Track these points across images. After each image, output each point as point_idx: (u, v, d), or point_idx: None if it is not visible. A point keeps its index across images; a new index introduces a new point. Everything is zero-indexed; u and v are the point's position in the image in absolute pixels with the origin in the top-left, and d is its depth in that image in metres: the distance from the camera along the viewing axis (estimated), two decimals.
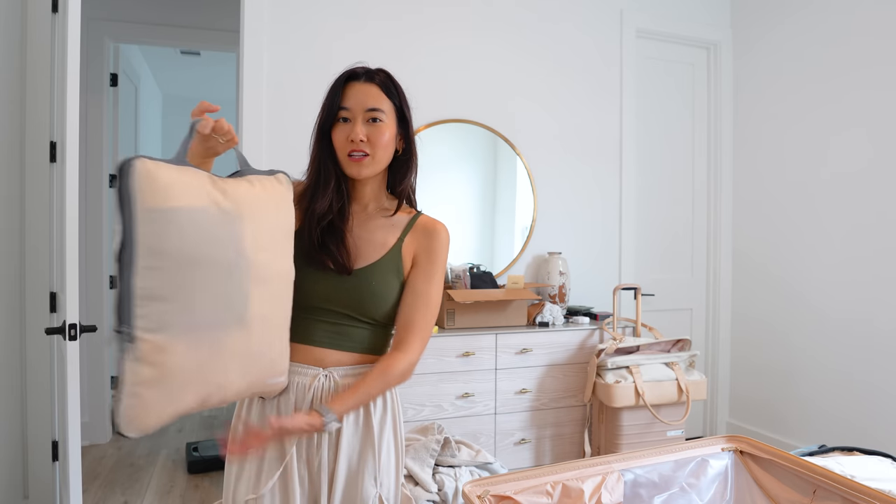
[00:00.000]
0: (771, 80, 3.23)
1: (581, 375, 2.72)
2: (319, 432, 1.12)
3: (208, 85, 6.21)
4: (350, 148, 1.14)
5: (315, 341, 1.16)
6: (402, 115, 1.22)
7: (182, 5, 3.42)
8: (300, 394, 1.15)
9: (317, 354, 1.16)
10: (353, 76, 1.18)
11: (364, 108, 1.15)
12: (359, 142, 1.13)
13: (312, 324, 1.16)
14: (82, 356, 3.27)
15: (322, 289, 1.15)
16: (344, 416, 1.12)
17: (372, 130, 1.15)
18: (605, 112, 3.23)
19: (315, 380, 1.15)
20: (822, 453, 1.73)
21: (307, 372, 1.16)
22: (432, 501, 1.96)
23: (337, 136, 1.16)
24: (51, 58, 2.39)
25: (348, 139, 1.14)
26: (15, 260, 2.32)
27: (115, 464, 3.08)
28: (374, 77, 1.18)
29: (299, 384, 1.15)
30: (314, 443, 1.16)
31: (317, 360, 1.16)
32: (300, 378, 1.15)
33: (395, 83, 1.21)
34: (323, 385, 1.15)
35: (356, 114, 1.15)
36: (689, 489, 1.32)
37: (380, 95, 1.17)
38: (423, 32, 2.88)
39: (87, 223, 3.31)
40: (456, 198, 2.93)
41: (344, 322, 1.17)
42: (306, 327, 1.16)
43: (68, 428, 1.80)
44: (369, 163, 1.15)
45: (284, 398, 1.16)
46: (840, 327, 2.85)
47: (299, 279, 1.12)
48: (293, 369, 1.15)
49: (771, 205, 3.23)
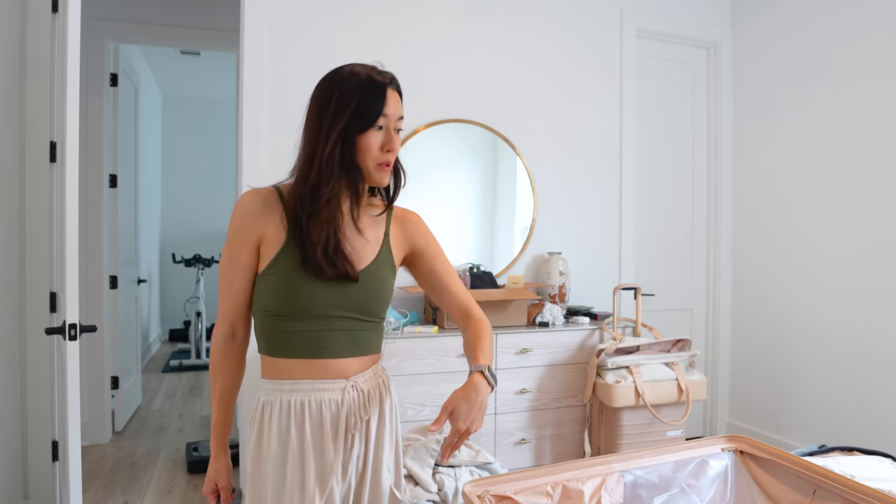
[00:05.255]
0: (771, 80, 3.23)
1: (581, 375, 2.72)
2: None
3: (208, 85, 6.21)
4: (384, 159, 1.12)
5: (336, 353, 1.14)
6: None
7: (182, 5, 3.42)
8: (333, 410, 1.13)
9: (340, 366, 1.14)
10: (390, 82, 1.13)
11: (396, 116, 1.12)
12: (394, 152, 1.13)
13: (327, 335, 1.13)
14: (82, 356, 3.27)
15: (331, 297, 1.12)
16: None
17: (397, 140, 1.14)
18: (606, 112, 3.23)
19: (345, 393, 1.13)
20: (822, 453, 1.73)
21: (334, 386, 1.13)
22: (432, 501, 1.96)
23: (370, 144, 1.10)
24: (51, 58, 2.39)
25: (384, 149, 1.11)
26: (15, 260, 2.32)
27: (115, 464, 3.08)
28: (398, 84, 1.16)
29: (330, 401, 1.13)
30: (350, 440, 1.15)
31: (340, 372, 1.14)
32: (329, 395, 1.13)
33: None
34: (353, 398, 1.14)
35: (390, 122, 1.12)
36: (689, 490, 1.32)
37: (400, 103, 1.16)
38: (423, 33, 2.88)
39: (87, 223, 3.31)
40: (456, 197, 2.93)
41: (356, 327, 1.16)
42: (322, 340, 1.13)
43: (68, 428, 1.80)
44: (389, 171, 1.16)
45: (317, 419, 1.12)
46: (840, 326, 2.85)
47: (303, 291, 1.09)
48: (317, 387, 1.13)
49: (771, 204, 3.23)
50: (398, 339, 2.43)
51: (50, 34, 2.39)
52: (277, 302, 1.10)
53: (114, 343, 3.54)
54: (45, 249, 2.41)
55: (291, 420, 1.11)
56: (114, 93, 3.50)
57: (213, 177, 6.83)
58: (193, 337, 5.47)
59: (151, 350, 5.97)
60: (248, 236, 1.12)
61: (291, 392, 1.12)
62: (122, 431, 3.58)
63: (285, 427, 1.12)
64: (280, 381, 1.13)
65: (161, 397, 4.39)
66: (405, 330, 2.52)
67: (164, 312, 6.75)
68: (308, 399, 1.12)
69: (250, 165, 2.55)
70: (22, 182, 2.38)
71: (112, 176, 3.50)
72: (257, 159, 2.56)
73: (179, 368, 5.33)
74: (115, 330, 3.54)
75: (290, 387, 1.12)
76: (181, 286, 6.78)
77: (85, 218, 3.30)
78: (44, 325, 2.40)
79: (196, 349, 5.48)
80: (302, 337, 1.11)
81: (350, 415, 1.13)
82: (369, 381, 1.19)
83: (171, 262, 6.65)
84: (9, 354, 2.26)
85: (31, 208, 2.40)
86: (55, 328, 1.86)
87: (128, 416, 3.75)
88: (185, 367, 5.35)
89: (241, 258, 1.14)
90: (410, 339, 2.45)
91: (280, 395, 1.13)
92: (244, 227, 1.12)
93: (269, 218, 1.12)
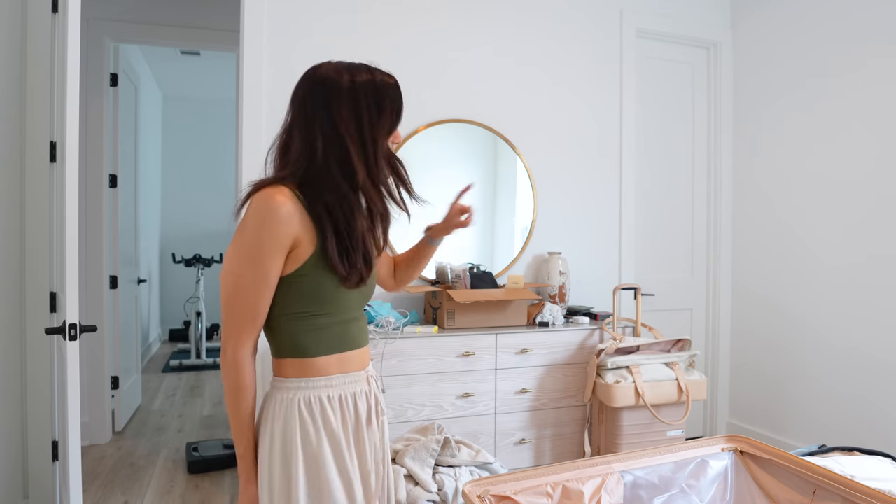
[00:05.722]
0: (771, 80, 3.23)
1: (581, 375, 2.72)
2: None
3: (208, 85, 6.21)
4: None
5: (357, 343, 1.18)
6: None
7: (182, 5, 3.42)
8: (363, 400, 1.17)
9: (361, 357, 1.19)
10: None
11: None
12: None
13: (350, 326, 1.17)
14: (82, 356, 3.27)
15: (357, 293, 1.17)
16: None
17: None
18: (606, 112, 3.23)
19: (369, 383, 1.20)
20: (822, 453, 1.73)
21: (361, 378, 1.18)
22: (432, 501, 1.96)
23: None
24: (51, 58, 2.39)
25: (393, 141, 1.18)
26: (15, 260, 2.32)
27: (115, 464, 3.08)
28: None
29: (362, 392, 1.17)
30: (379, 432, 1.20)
31: (361, 363, 1.19)
32: (360, 385, 1.18)
33: None
34: (374, 387, 1.22)
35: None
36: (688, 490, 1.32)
37: None
38: (423, 34, 2.88)
39: (87, 223, 3.31)
40: None
41: (361, 315, 1.21)
42: (348, 332, 1.16)
43: (68, 428, 1.80)
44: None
45: (354, 413, 1.15)
46: (841, 326, 2.85)
47: (339, 291, 1.11)
48: (348, 380, 1.16)
49: (771, 204, 3.23)
50: (398, 339, 2.43)
51: (50, 34, 2.39)
52: (313, 304, 1.10)
53: (114, 343, 3.54)
54: (45, 249, 2.41)
55: (335, 416, 1.12)
56: (114, 93, 3.50)
57: (213, 177, 6.83)
58: (193, 337, 5.47)
59: (151, 350, 5.97)
60: (284, 244, 1.05)
61: (327, 388, 1.13)
62: (122, 431, 3.58)
63: (336, 420, 1.11)
64: (313, 379, 1.11)
65: (161, 397, 4.39)
66: (405, 330, 2.52)
67: (164, 312, 6.75)
68: (344, 392, 1.14)
69: (250, 165, 2.55)
70: (22, 182, 2.38)
71: (112, 176, 3.50)
72: (257, 160, 2.56)
73: (179, 368, 5.33)
74: (115, 330, 3.54)
75: (325, 383, 1.12)
76: (181, 286, 6.78)
77: (85, 218, 3.30)
78: (44, 325, 2.40)
79: (196, 349, 5.48)
80: (331, 332, 1.13)
81: (377, 404, 1.20)
82: (373, 371, 1.25)
83: (171, 262, 6.66)
84: (9, 354, 2.26)
85: (31, 208, 2.40)
86: (55, 328, 1.86)
87: (128, 416, 3.75)
88: (185, 367, 5.35)
89: (273, 269, 1.06)
90: (410, 339, 2.45)
91: (317, 392, 1.11)
92: (282, 234, 1.04)
93: (301, 221, 1.06)
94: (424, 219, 1.57)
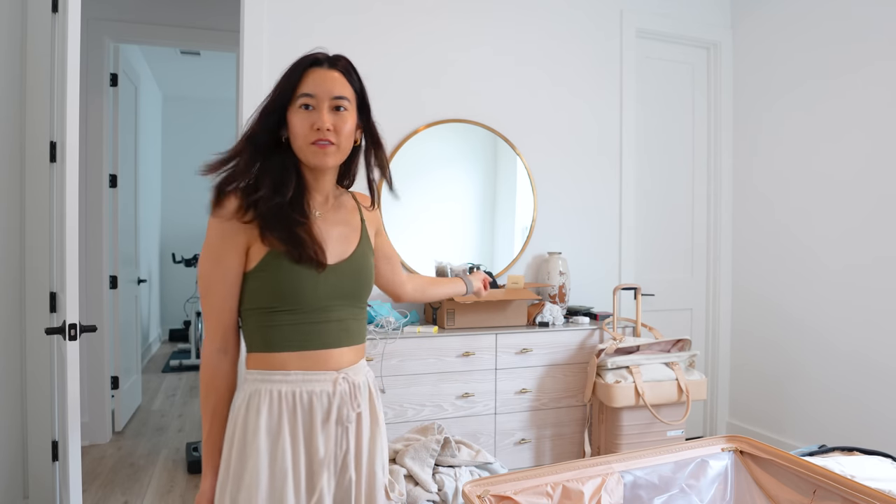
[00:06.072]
0: (771, 80, 3.23)
1: (581, 375, 2.72)
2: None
3: (208, 85, 6.21)
4: (316, 137, 1.09)
5: (329, 343, 1.12)
6: (363, 104, 1.18)
7: (182, 5, 3.42)
8: (325, 403, 1.10)
9: (332, 357, 1.13)
10: (315, 62, 1.13)
11: (330, 95, 1.10)
12: (325, 130, 1.09)
13: (320, 326, 1.12)
14: (82, 356, 3.27)
15: (327, 287, 1.11)
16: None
17: (337, 119, 1.11)
18: (606, 112, 3.23)
19: (337, 384, 1.11)
20: (822, 453, 1.73)
21: (325, 378, 1.11)
22: (432, 501, 1.96)
23: (300, 124, 1.10)
24: (51, 58, 2.39)
25: (313, 127, 1.09)
26: (15, 260, 2.32)
27: (115, 464, 3.08)
28: (337, 63, 1.14)
29: (322, 392, 1.10)
30: (342, 434, 1.12)
31: (333, 363, 1.13)
32: (321, 385, 1.10)
33: (356, 71, 1.17)
34: (344, 390, 1.12)
35: (321, 101, 1.10)
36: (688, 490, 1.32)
37: (344, 83, 1.13)
38: (423, 34, 2.88)
39: (87, 223, 3.31)
40: (457, 197, 2.93)
41: (346, 316, 1.15)
42: (316, 330, 1.11)
43: (68, 428, 1.80)
44: (334, 152, 1.12)
45: (307, 412, 1.09)
46: (841, 326, 2.85)
47: (300, 284, 1.08)
48: (308, 377, 1.10)
49: (771, 204, 3.23)
50: (398, 339, 2.43)
51: (50, 34, 2.38)
52: (273, 298, 1.08)
53: (114, 343, 3.54)
54: (45, 249, 2.41)
55: (283, 411, 1.08)
56: (114, 93, 3.50)
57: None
58: (193, 337, 5.47)
59: (151, 350, 5.97)
60: (238, 241, 1.09)
61: (282, 383, 1.09)
62: (122, 431, 3.58)
63: (276, 419, 1.08)
64: (270, 372, 1.09)
65: (161, 397, 4.39)
66: (405, 330, 2.52)
67: (164, 312, 6.75)
68: (299, 390, 1.09)
69: None
70: (22, 182, 2.38)
71: (112, 176, 3.50)
72: None
73: (179, 368, 5.33)
74: (115, 330, 3.54)
75: (280, 377, 1.09)
76: (181, 286, 6.78)
77: (85, 218, 3.30)
78: (44, 325, 2.40)
79: (196, 349, 5.48)
80: (295, 329, 1.10)
81: (342, 407, 1.11)
82: (359, 374, 1.17)
83: (171, 262, 6.65)
84: (9, 354, 2.26)
85: (31, 208, 2.40)
86: (55, 328, 1.86)
87: (128, 416, 3.75)
88: (185, 367, 5.35)
89: (232, 267, 1.09)
90: (410, 339, 2.45)
91: (270, 386, 1.08)
92: (233, 232, 1.08)
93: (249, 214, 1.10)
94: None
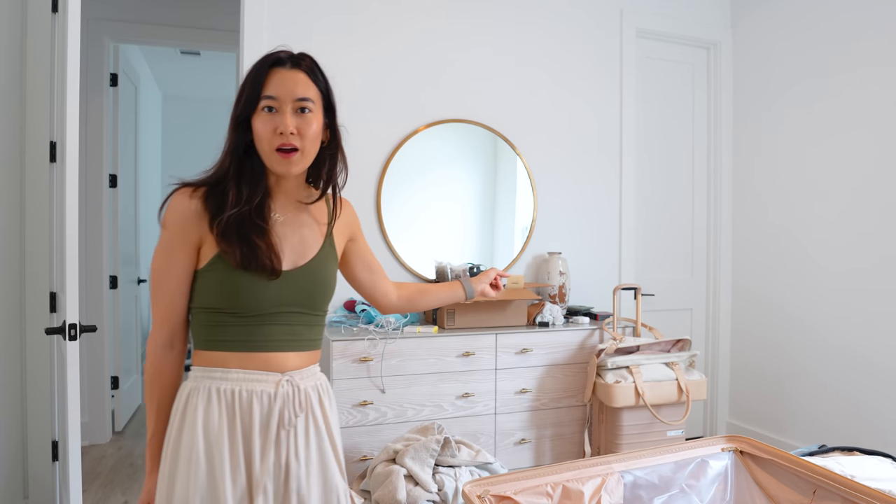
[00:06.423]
0: (771, 79, 3.23)
1: (581, 375, 2.72)
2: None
3: (208, 85, 6.21)
4: (279, 141, 1.05)
5: (273, 346, 1.09)
6: (328, 104, 1.14)
7: (182, 5, 3.42)
8: (265, 403, 1.07)
9: (276, 360, 1.09)
10: (277, 62, 1.08)
11: (293, 97, 1.06)
12: (289, 134, 1.05)
13: (265, 329, 1.08)
14: (82, 356, 3.27)
15: (275, 294, 1.08)
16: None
17: (301, 122, 1.06)
18: (605, 112, 3.23)
19: (279, 386, 1.08)
20: (822, 453, 1.73)
21: (268, 379, 1.08)
22: (432, 501, 1.96)
23: (262, 128, 1.06)
24: (51, 58, 2.39)
25: (276, 131, 1.05)
26: (15, 260, 2.32)
27: (115, 464, 3.08)
28: (301, 63, 1.09)
29: (262, 392, 1.07)
30: (277, 443, 1.07)
31: (277, 366, 1.09)
32: (262, 386, 1.07)
33: (320, 69, 1.13)
34: (286, 392, 1.08)
35: (283, 103, 1.05)
36: (688, 490, 1.32)
37: (308, 83, 1.08)
38: (422, 34, 2.88)
39: (87, 223, 3.31)
40: (456, 197, 2.93)
41: (296, 322, 1.12)
42: (259, 332, 1.08)
43: (68, 428, 1.79)
44: (299, 159, 1.07)
45: (247, 410, 1.06)
46: (841, 326, 2.85)
47: (246, 289, 1.05)
48: (251, 377, 1.07)
49: (771, 204, 3.23)
50: (398, 339, 2.43)
51: (50, 34, 2.38)
52: (219, 299, 1.06)
53: (114, 343, 3.54)
54: (45, 249, 2.41)
55: (222, 409, 1.05)
56: (114, 93, 3.50)
57: None
58: None
59: None
60: (188, 237, 1.07)
61: (222, 380, 1.06)
62: (122, 431, 3.58)
63: (215, 416, 1.04)
64: (211, 369, 1.07)
65: None
66: (405, 330, 2.52)
67: None
68: (239, 388, 1.06)
69: None
70: (22, 182, 2.38)
71: (112, 176, 3.50)
72: None
73: None
74: (115, 330, 3.54)
75: (221, 374, 1.06)
76: None
77: (85, 218, 3.30)
78: (44, 325, 2.40)
79: None
80: (240, 330, 1.07)
81: (283, 410, 1.07)
82: (307, 379, 1.13)
83: None
84: (9, 354, 2.26)
85: (31, 208, 2.40)
86: (55, 328, 1.86)
87: (128, 416, 3.75)
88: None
89: (182, 263, 1.08)
90: (410, 339, 2.45)
91: (210, 383, 1.06)
92: (184, 228, 1.07)
93: (205, 219, 1.08)
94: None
